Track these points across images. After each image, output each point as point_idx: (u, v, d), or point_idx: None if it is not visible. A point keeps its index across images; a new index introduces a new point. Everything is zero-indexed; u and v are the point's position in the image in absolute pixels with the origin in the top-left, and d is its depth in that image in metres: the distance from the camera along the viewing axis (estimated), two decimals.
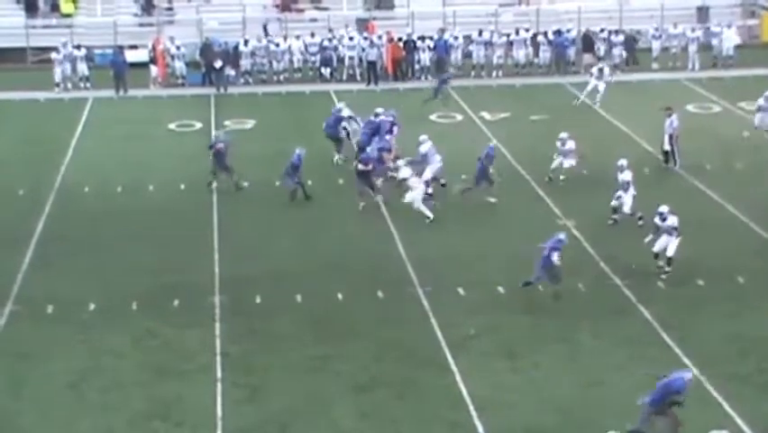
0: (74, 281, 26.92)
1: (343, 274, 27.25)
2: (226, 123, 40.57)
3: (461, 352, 23.28)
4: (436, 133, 39.41)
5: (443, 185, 32.60)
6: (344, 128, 35.59)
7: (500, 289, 26.27)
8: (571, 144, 33.19)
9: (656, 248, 26.88)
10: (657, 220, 26.76)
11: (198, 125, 40.38)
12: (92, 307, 25.57)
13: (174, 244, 29.09)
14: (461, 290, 26.22)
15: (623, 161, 30.56)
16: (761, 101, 37.56)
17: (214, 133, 33.39)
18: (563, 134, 33.30)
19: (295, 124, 37.72)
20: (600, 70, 43.26)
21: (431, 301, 25.67)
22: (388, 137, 33.78)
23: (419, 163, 32.29)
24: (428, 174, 32.25)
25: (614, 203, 30.15)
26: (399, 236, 29.48)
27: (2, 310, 25.26)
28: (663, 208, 26.78)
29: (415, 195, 30.62)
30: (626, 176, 30.22)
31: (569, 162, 33.27)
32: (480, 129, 39.96)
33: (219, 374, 22.50)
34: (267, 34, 49.04)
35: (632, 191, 30.00)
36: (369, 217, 30.88)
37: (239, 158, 35.12)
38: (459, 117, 41.68)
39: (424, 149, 32.78)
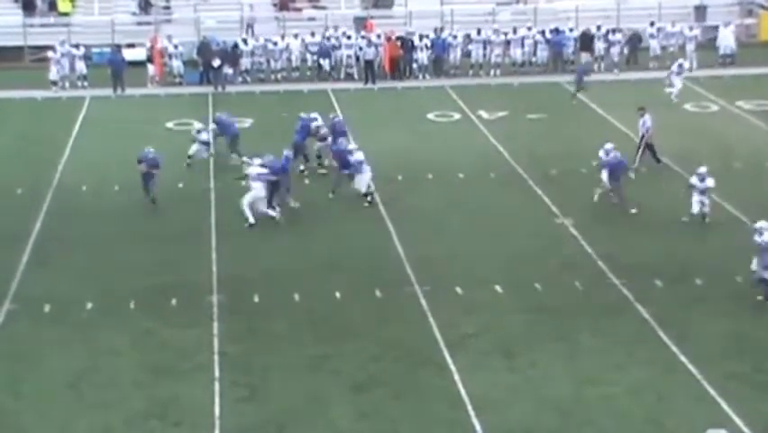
0: (71, 280, 26.91)
1: (341, 273, 27.23)
2: None
3: (459, 351, 23.26)
4: (434, 131, 39.61)
5: (369, 202, 31.68)
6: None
7: (498, 288, 26.26)
8: (616, 156, 31.46)
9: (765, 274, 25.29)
10: (756, 238, 25.33)
11: (196, 125, 40.30)
12: (90, 306, 25.55)
13: (172, 243, 29.07)
14: (459, 290, 26.21)
15: (703, 169, 29.73)
16: None
17: (146, 149, 32.24)
18: (609, 145, 31.68)
19: (293, 123, 37.63)
20: (680, 66, 43.36)
21: (429, 301, 25.66)
22: (340, 139, 33.41)
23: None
24: (362, 186, 31.70)
25: (701, 209, 29.63)
26: (397, 235, 29.47)
27: None
28: (762, 224, 25.30)
29: (251, 195, 30.20)
30: (709, 183, 29.47)
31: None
32: (478, 128, 39.96)
33: (217, 374, 22.48)
34: (252, 34, 49.15)
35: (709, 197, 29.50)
36: (367, 217, 30.88)
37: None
38: (456, 116, 41.68)
39: (353, 158, 31.92)
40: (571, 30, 49.33)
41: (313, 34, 48.27)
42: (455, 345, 23.51)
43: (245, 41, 47.84)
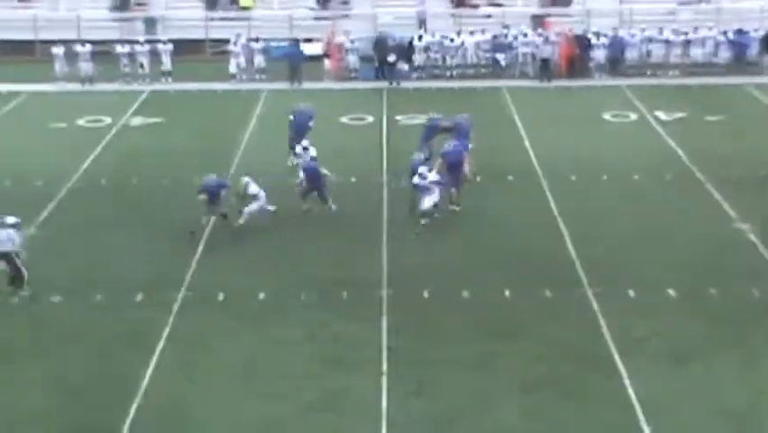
0: (244, 271, 27.30)
1: (511, 271, 27.05)
2: (398, 117, 40.73)
3: (630, 355, 22.88)
4: (609, 131, 39.05)
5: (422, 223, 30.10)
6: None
7: (672, 292, 25.74)
8: None
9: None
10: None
11: (370, 119, 40.61)
12: (262, 296, 25.90)
13: (343, 236, 29.23)
14: (631, 292, 25.79)
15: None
16: None
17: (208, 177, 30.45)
18: None
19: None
20: None
21: (600, 302, 25.29)
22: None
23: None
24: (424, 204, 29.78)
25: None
26: (570, 235, 29.14)
27: (175, 297, 25.76)
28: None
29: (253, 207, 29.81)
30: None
31: None
32: (655, 129, 39.28)
33: (385, 368, 22.56)
34: (425, 30, 49.29)
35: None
36: (539, 216, 30.62)
37: (413, 151, 35.14)
38: (633, 116, 41.04)
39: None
40: (755, 30, 48.11)
41: (483, 31, 48.13)
42: (626, 349, 23.14)
43: (420, 37, 47.94)
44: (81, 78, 46.59)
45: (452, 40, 47.81)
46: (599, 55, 47.33)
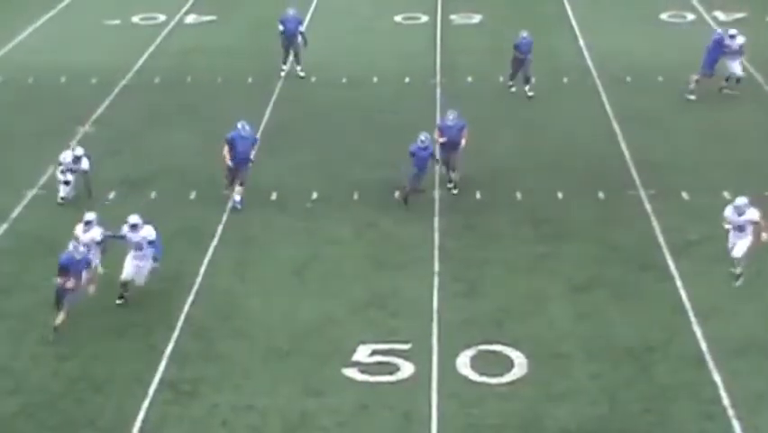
0: (297, 170, 27.35)
1: (565, 173, 26.97)
2: (452, 17, 40.36)
3: (682, 257, 22.84)
4: (666, 32, 38.54)
5: None
6: None
7: (727, 195, 25.54)
8: None
9: None
10: None
11: (425, 18, 40.25)
12: (315, 195, 25.99)
13: (395, 136, 29.12)
14: (685, 195, 25.66)
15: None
16: None
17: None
18: None
19: (521, 20, 37.23)
20: None
21: (653, 205, 25.19)
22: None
23: None
24: None
25: None
26: (623, 137, 28.96)
27: (229, 195, 25.84)
28: None
29: None
30: None
31: None
32: (713, 30, 38.60)
33: (437, 268, 22.65)
34: None
35: None
36: (593, 118, 30.42)
37: (466, 51, 34.98)
38: (690, 16, 40.41)
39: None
40: None
41: None
42: (679, 251, 23.10)
43: None
44: None
45: None
46: None
